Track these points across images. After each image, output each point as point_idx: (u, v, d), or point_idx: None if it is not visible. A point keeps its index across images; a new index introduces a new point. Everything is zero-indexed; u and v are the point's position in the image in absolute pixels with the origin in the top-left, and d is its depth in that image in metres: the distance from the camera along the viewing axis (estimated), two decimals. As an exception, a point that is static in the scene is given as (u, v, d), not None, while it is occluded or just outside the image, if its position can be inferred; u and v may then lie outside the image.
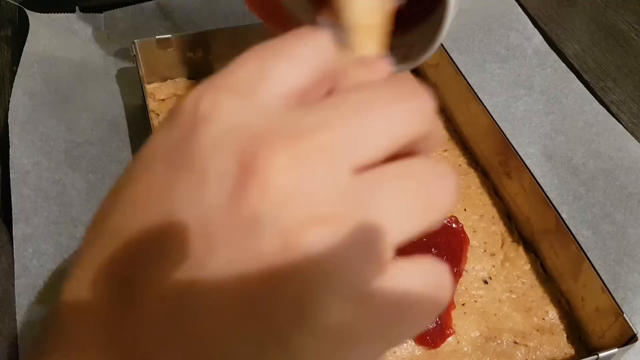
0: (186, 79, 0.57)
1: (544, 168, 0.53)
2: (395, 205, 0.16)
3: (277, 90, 0.17)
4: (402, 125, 0.16)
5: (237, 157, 0.15)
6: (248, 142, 0.15)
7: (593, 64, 0.64)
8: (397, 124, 0.16)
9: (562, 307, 0.45)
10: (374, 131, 0.16)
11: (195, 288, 0.15)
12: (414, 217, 0.16)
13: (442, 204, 0.17)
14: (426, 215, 0.16)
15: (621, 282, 0.46)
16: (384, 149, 0.16)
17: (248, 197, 0.15)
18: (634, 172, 0.53)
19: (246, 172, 0.15)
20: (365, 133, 0.16)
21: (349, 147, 0.15)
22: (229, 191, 0.15)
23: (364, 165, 0.16)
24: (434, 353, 0.42)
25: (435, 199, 0.17)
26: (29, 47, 0.58)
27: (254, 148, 0.15)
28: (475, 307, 0.44)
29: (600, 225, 0.50)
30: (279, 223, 0.14)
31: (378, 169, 0.16)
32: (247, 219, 0.15)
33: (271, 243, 0.14)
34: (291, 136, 0.15)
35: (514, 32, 0.65)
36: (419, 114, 0.17)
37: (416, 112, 0.17)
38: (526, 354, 0.42)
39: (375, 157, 0.16)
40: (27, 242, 0.45)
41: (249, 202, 0.15)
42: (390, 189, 0.16)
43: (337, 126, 0.16)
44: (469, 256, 0.47)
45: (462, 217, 0.49)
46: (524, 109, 0.58)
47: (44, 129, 0.53)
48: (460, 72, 0.53)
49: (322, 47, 0.18)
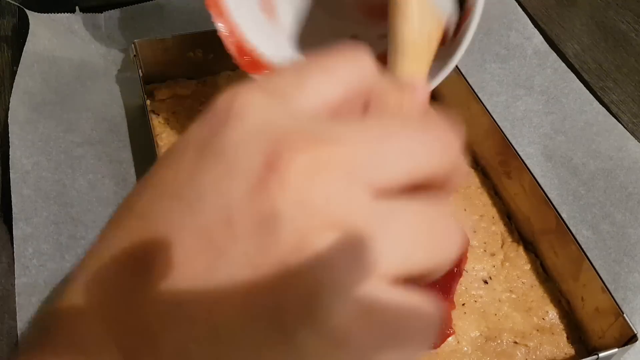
0: (186, 79, 0.57)
1: (544, 168, 0.53)
2: (403, 236, 0.16)
3: (310, 99, 0.17)
4: (425, 157, 0.17)
5: (264, 154, 0.16)
6: (276, 141, 0.16)
7: (593, 64, 0.64)
8: (421, 154, 0.17)
9: (562, 307, 0.45)
10: (396, 156, 0.17)
11: (212, 276, 0.15)
12: (419, 253, 0.17)
13: (446, 251, 0.17)
14: (430, 255, 0.17)
15: (621, 282, 0.46)
16: (404, 176, 0.17)
17: (268, 192, 0.15)
18: (634, 172, 0.53)
19: (269, 169, 0.15)
20: (388, 156, 0.16)
21: (370, 165, 0.16)
22: (252, 185, 0.15)
23: (382, 188, 0.16)
24: (434, 353, 0.42)
25: (441, 245, 0.17)
26: (29, 47, 0.58)
27: (279, 147, 0.16)
28: (475, 307, 0.44)
29: (600, 225, 0.50)
30: (295, 221, 0.15)
31: (395, 199, 0.16)
32: (267, 213, 0.15)
33: (286, 240, 0.15)
34: (316, 141, 0.16)
35: (514, 32, 0.65)
36: (444, 149, 0.18)
37: (442, 147, 0.17)
38: (526, 354, 0.42)
39: (395, 182, 0.16)
40: (27, 242, 0.45)
41: (269, 197, 0.15)
42: (403, 221, 0.16)
43: (362, 143, 0.16)
44: (469, 256, 0.47)
45: (462, 217, 0.48)
46: (524, 109, 0.58)
47: (44, 129, 0.53)
48: (460, 72, 0.53)
49: (362, 65, 0.19)
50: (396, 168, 0.17)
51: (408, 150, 0.17)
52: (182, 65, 0.57)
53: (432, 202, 0.17)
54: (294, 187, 0.15)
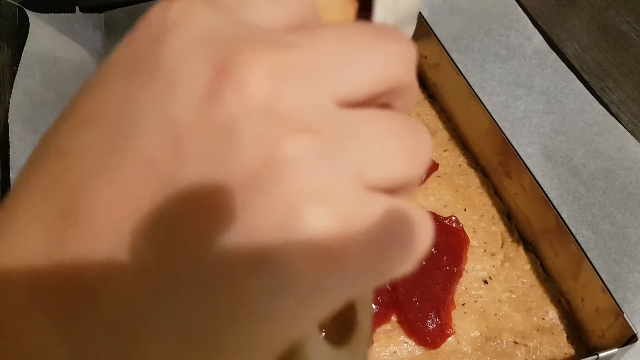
0: (186, 79, 0.57)
1: (544, 168, 0.54)
2: (377, 142, 0.14)
3: (255, 18, 0.15)
4: (385, 65, 0.15)
5: (212, 61, 0.13)
6: (225, 46, 0.14)
7: (593, 64, 0.64)
8: (382, 62, 0.15)
9: (562, 307, 0.45)
10: (358, 64, 0.15)
11: (163, 206, 0.13)
12: (397, 159, 0.15)
13: (423, 155, 0.16)
14: (408, 161, 0.15)
15: (621, 282, 0.46)
16: (366, 86, 0.15)
17: (224, 101, 0.13)
18: (634, 172, 0.53)
19: (222, 76, 0.13)
20: (350, 63, 0.14)
21: (333, 73, 0.14)
22: (201, 96, 0.13)
23: (346, 99, 0.14)
24: (434, 353, 0.42)
25: (417, 148, 0.15)
26: (29, 47, 0.58)
27: (232, 51, 0.13)
28: (475, 307, 0.44)
29: (600, 225, 0.50)
30: (258, 130, 0.13)
31: (361, 109, 0.15)
32: (223, 126, 0.13)
33: (251, 153, 0.13)
34: (275, 45, 0.14)
35: (514, 32, 0.65)
36: (403, 58, 0.16)
37: (400, 55, 0.16)
38: (526, 354, 0.42)
39: (358, 92, 0.15)
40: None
41: (225, 107, 0.13)
42: (373, 128, 0.14)
43: (322, 50, 0.14)
44: (469, 256, 0.47)
45: (462, 217, 0.49)
46: (524, 109, 0.58)
47: (44, 129, 0.52)
48: (460, 72, 0.53)
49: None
50: (359, 76, 0.15)
51: (369, 57, 0.15)
52: (182, 65, 0.57)
53: (395, 113, 0.16)
54: (254, 91, 0.13)
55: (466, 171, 0.53)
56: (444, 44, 0.55)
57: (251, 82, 0.13)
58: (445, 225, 0.47)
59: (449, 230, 0.47)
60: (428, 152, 0.16)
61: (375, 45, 0.15)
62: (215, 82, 0.13)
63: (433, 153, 0.54)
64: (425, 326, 0.42)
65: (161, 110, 0.13)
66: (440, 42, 0.56)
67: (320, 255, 0.13)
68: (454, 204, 0.50)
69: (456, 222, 0.48)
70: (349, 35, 0.15)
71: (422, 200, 0.50)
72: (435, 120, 0.57)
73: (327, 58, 0.14)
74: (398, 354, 0.42)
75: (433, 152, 0.54)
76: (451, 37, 0.63)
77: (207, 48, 0.14)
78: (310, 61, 0.14)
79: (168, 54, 0.14)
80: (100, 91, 0.14)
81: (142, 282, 0.13)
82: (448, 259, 0.45)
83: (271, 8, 0.15)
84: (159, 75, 0.14)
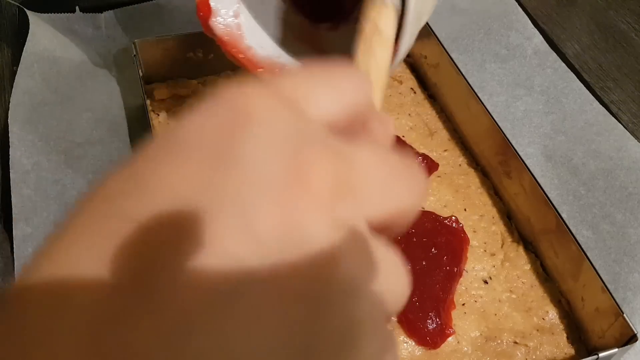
0: (186, 79, 0.57)
1: (544, 168, 0.54)
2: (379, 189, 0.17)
3: (317, 112, 0.17)
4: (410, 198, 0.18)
5: (290, 166, 0.15)
6: (300, 151, 0.15)
7: (593, 64, 0.64)
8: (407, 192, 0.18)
9: (562, 307, 0.45)
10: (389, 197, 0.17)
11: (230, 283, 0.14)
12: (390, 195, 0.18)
13: (415, 192, 0.18)
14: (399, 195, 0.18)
15: (621, 282, 0.46)
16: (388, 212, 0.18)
17: (297, 210, 0.15)
18: (634, 172, 0.53)
19: (298, 184, 0.15)
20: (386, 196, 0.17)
21: (373, 200, 0.17)
22: (277, 192, 0.15)
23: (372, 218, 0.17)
24: (434, 353, 0.42)
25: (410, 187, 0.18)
26: (29, 47, 0.58)
27: (306, 159, 0.15)
28: (475, 307, 0.44)
29: (600, 225, 0.50)
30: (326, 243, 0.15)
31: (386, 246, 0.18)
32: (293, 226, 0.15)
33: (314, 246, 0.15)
34: (338, 158, 0.16)
35: (514, 32, 0.65)
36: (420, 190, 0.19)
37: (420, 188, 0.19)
38: (526, 354, 0.42)
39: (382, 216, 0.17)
40: (27, 242, 0.45)
41: (299, 216, 0.15)
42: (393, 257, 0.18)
43: (370, 177, 0.17)
44: (469, 256, 0.47)
45: (462, 217, 0.49)
46: (524, 109, 0.58)
47: (44, 129, 0.53)
48: (460, 72, 0.53)
49: (364, 90, 0.19)
50: (388, 205, 0.17)
51: (400, 192, 0.18)
52: (182, 65, 0.57)
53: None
54: (320, 205, 0.15)
55: (466, 171, 0.53)
56: (444, 44, 0.55)
57: (320, 194, 0.15)
58: (445, 225, 0.47)
59: (449, 230, 0.47)
60: (421, 191, 0.19)
61: (405, 179, 0.18)
62: (292, 190, 0.15)
63: (433, 153, 0.54)
64: (425, 326, 0.42)
65: (239, 198, 0.15)
66: (440, 42, 0.56)
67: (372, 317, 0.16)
68: (454, 204, 0.50)
69: (456, 222, 0.48)
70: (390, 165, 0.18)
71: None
72: (435, 120, 0.57)
73: (372, 187, 0.17)
74: (398, 353, 0.42)
75: (433, 152, 0.54)
76: (451, 37, 0.63)
77: (285, 151, 0.15)
78: (361, 185, 0.16)
79: (250, 146, 0.15)
80: (173, 163, 0.15)
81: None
82: (448, 259, 0.45)
83: (331, 102, 0.18)
84: (240, 163, 0.15)
